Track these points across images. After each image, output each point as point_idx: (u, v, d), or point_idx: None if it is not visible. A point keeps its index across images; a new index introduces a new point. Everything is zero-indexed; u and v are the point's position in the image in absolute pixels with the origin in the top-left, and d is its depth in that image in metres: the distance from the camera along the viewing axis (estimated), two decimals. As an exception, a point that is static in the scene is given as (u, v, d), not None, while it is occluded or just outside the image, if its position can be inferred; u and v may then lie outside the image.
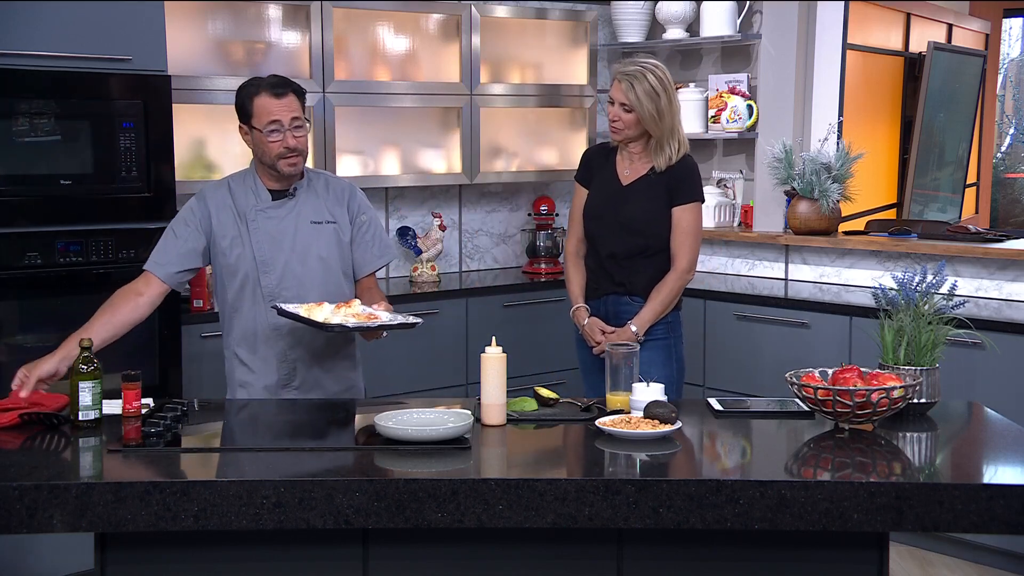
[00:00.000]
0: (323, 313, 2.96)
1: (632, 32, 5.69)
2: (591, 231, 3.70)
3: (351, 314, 2.98)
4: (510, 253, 5.71)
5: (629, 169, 3.65)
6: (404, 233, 5.20)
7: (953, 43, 7.70)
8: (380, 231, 3.36)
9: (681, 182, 3.60)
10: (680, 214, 3.60)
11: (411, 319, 3.04)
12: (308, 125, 3.19)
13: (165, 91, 3.96)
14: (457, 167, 5.20)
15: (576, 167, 5.49)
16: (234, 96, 3.18)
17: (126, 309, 3.10)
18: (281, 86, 3.12)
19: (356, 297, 3.23)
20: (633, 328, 3.57)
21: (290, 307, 3.01)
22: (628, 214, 3.60)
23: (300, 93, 3.16)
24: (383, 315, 3.03)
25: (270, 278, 3.18)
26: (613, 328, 3.62)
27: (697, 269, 5.43)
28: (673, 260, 3.61)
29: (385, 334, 3.17)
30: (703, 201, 3.68)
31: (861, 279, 4.99)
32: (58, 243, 3.79)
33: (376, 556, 2.48)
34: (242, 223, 3.18)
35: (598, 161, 3.74)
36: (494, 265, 5.68)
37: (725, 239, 5.42)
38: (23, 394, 2.80)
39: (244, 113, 3.15)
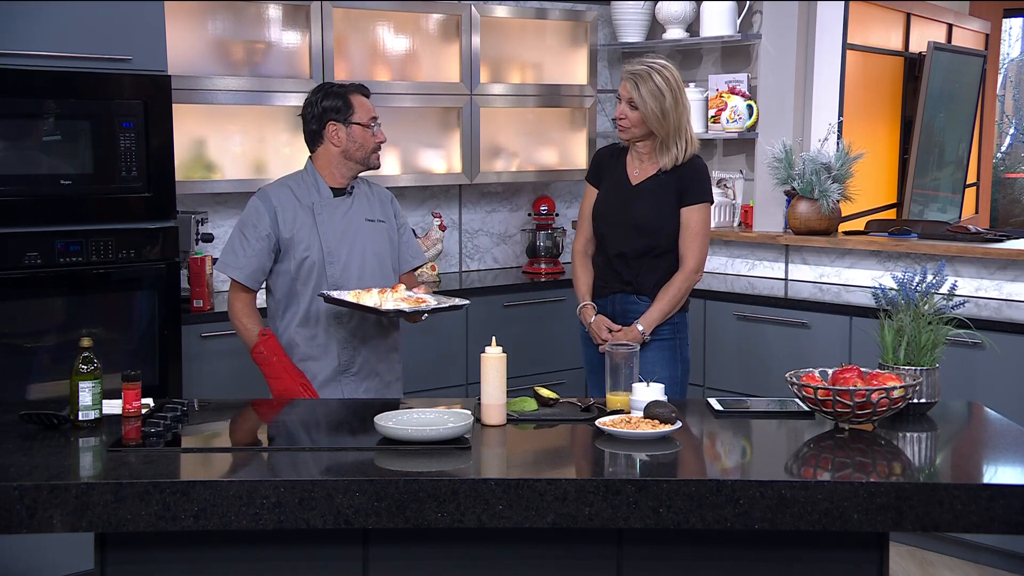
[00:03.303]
0: (371, 299, 3.11)
1: (632, 32, 5.69)
2: (600, 230, 3.71)
3: (399, 298, 3.14)
4: (510, 253, 5.71)
5: (639, 169, 3.67)
6: (404, 233, 5.20)
7: (953, 43, 7.70)
8: (412, 236, 3.61)
9: (690, 182, 3.62)
10: (688, 215, 3.62)
11: (458, 301, 3.24)
12: None
13: (165, 91, 3.96)
14: (457, 167, 5.20)
15: (576, 167, 5.57)
16: (318, 98, 3.37)
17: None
18: (365, 88, 3.45)
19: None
20: (639, 327, 3.58)
21: (335, 293, 3.17)
22: (637, 214, 3.62)
23: None
24: (429, 299, 3.21)
25: (335, 268, 3.35)
26: (620, 327, 3.63)
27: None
28: (681, 260, 3.63)
29: (425, 317, 3.31)
30: (712, 202, 3.69)
31: (861, 279, 4.99)
32: (58, 243, 3.78)
33: (376, 556, 2.48)
34: (309, 215, 3.36)
35: (608, 161, 3.75)
36: (494, 265, 5.68)
37: (725, 239, 5.42)
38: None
39: (343, 110, 3.37)
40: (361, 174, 3.46)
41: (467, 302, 3.29)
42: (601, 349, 3.64)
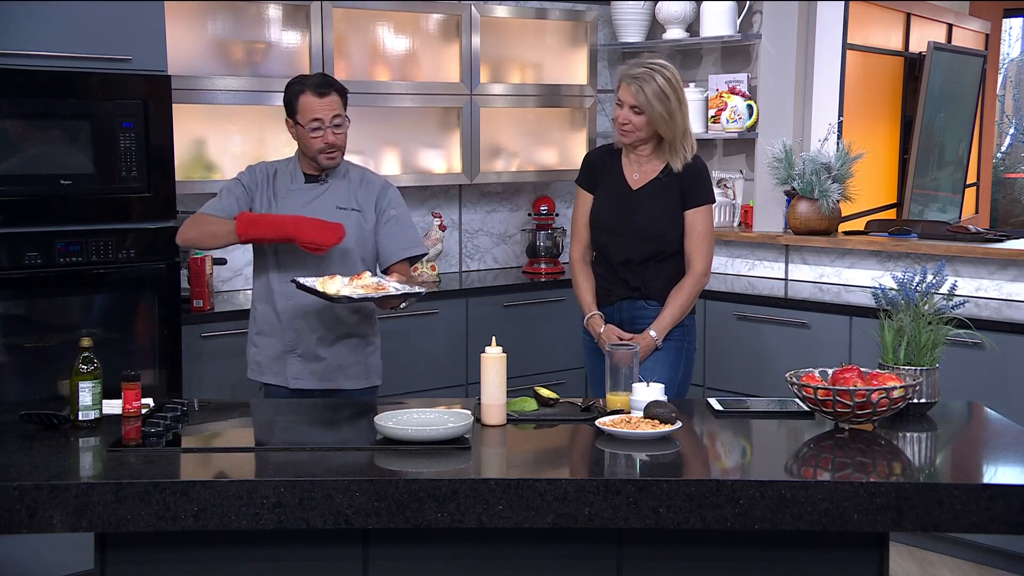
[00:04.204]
0: (335, 285, 3.13)
1: (632, 32, 5.69)
2: (602, 238, 3.61)
3: (360, 285, 3.14)
4: (510, 253, 5.71)
5: (638, 173, 3.57)
6: (404, 233, 5.20)
7: (953, 43, 7.70)
8: (409, 227, 3.56)
9: (694, 184, 3.55)
10: (693, 217, 3.54)
11: (416, 288, 3.23)
12: (348, 122, 3.43)
13: (165, 91, 3.96)
14: (457, 167, 5.20)
15: (576, 167, 5.53)
16: (283, 92, 3.46)
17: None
18: (324, 86, 3.39)
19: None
20: (652, 334, 3.51)
21: (306, 280, 3.20)
22: (642, 219, 3.53)
23: (343, 92, 3.43)
24: (392, 286, 3.20)
25: (286, 249, 3.39)
26: (630, 335, 3.54)
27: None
28: (689, 264, 3.55)
29: (404, 304, 3.32)
30: (714, 202, 3.63)
31: (861, 279, 4.99)
32: (58, 243, 3.78)
33: (376, 556, 2.48)
34: (275, 199, 3.45)
35: (602, 165, 3.64)
36: (494, 265, 5.68)
37: (725, 239, 5.42)
38: None
39: (290, 109, 3.43)
40: (358, 162, 3.52)
41: (423, 290, 3.26)
42: None
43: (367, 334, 3.52)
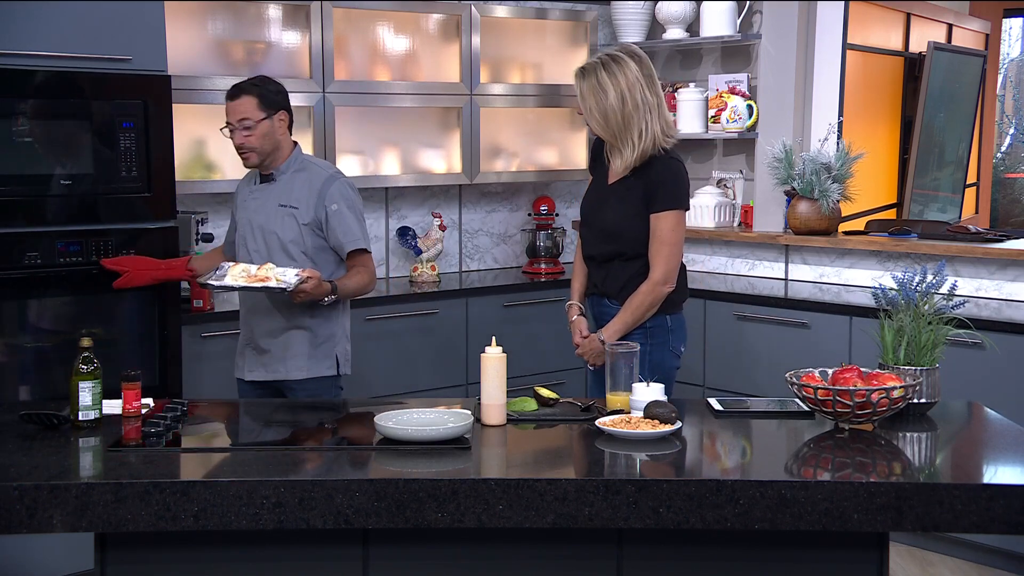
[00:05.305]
0: (235, 271, 3.34)
1: (632, 32, 5.68)
2: (581, 230, 3.58)
3: (242, 275, 3.33)
4: (510, 253, 5.71)
5: (615, 167, 3.43)
6: (404, 233, 5.20)
7: (953, 43, 7.71)
8: (348, 222, 3.56)
9: (659, 187, 3.33)
10: (655, 222, 3.33)
11: (279, 285, 3.30)
12: (264, 124, 3.51)
13: (165, 91, 3.96)
14: (457, 167, 5.20)
15: (576, 167, 5.57)
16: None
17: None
18: (235, 89, 3.55)
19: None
20: (601, 337, 3.38)
21: (225, 264, 3.43)
22: (603, 217, 3.42)
23: (256, 93, 3.52)
24: (275, 277, 3.32)
25: (243, 247, 3.63)
26: (587, 334, 3.49)
27: (697, 269, 5.47)
28: (650, 269, 3.36)
29: (330, 299, 3.47)
30: (686, 208, 3.39)
31: (861, 279, 4.99)
32: (58, 243, 3.78)
33: (376, 556, 2.48)
34: (241, 202, 3.69)
35: (600, 154, 3.51)
36: (494, 265, 5.68)
37: (725, 239, 5.42)
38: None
39: None
40: (310, 156, 3.68)
41: (287, 286, 3.29)
42: (576, 353, 3.53)
43: (310, 326, 3.57)
